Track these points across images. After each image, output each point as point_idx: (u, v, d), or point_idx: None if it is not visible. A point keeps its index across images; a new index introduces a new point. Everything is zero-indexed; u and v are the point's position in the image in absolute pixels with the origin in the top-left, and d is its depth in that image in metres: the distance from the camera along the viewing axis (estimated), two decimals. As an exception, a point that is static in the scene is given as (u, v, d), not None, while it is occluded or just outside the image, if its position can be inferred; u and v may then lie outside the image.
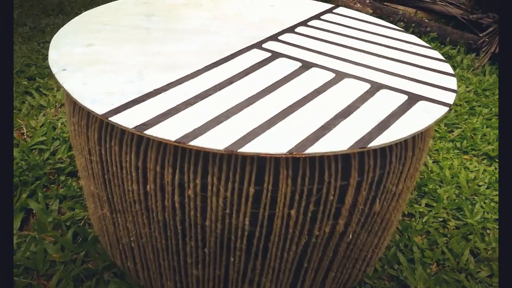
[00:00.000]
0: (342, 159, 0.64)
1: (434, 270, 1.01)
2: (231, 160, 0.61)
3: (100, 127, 0.68)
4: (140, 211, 0.70)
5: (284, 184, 0.62)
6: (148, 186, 0.66)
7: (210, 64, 0.78)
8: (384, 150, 0.67)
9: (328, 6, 1.17)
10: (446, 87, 0.78)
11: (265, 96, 0.70)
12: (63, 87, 0.67)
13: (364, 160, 0.65)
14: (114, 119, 0.61)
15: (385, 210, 0.75)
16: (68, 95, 0.74)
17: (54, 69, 0.72)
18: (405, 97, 0.74)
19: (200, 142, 0.58)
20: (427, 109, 0.71)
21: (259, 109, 0.66)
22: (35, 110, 1.44)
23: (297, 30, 0.98)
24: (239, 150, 0.57)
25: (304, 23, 1.03)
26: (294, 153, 0.57)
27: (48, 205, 1.07)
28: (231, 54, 0.83)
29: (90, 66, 0.74)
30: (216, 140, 0.58)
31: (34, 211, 1.05)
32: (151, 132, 0.59)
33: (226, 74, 0.75)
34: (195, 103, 0.66)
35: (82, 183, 0.90)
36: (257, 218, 0.65)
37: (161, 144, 0.63)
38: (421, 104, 0.72)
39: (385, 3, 2.75)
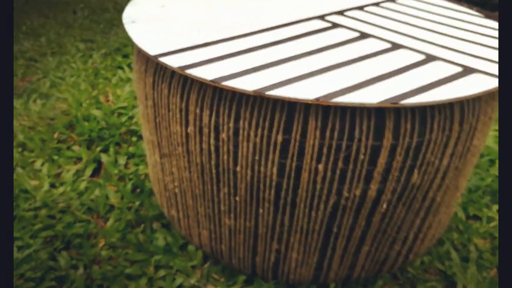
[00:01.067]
0: (376, 118, 0.62)
1: (492, 275, 0.93)
2: (262, 106, 0.63)
3: (155, 71, 0.74)
4: (182, 154, 0.75)
5: (312, 135, 0.63)
6: (189, 128, 0.71)
7: (265, 28, 0.81)
8: (424, 116, 0.64)
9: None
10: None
11: (311, 55, 0.71)
12: (128, 33, 0.75)
13: (400, 123, 0.63)
14: (163, 59, 0.66)
15: (426, 185, 0.72)
16: (134, 46, 0.82)
17: (125, 21, 0.80)
18: (460, 69, 0.70)
19: (232, 83, 0.61)
20: (480, 80, 0.66)
21: (300, 65, 0.68)
22: (123, 82, 1.58)
23: (366, 8, 0.98)
24: (266, 93, 0.59)
25: (376, 4, 1.02)
26: (320, 100, 0.58)
27: (117, 160, 1.18)
28: (290, 22, 0.85)
29: (157, 21, 0.81)
30: (248, 83, 0.61)
31: (104, 163, 1.16)
32: (190, 71, 0.63)
33: (278, 36, 0.78)
34: (238, 55, 0.70)
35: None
36: (284, 168, 0.66)
37: (202, 87, 0.67)
38: (474, 76, 0.68)
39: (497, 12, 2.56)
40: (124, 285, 0.84)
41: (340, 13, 0.93)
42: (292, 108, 0.63)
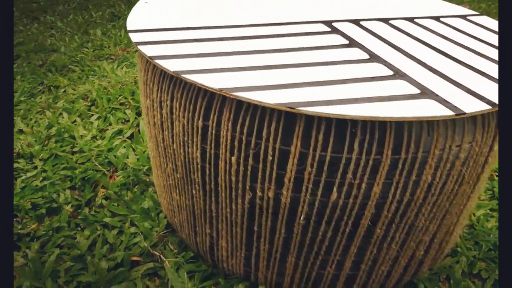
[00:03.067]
0: (286, 122, 0.61)
1: None
2: (190, 90, 0.67)
3: (141, 56, 0.83)
4: (147, 124, 0.83)
5: (225, 126, 0.64)
6: (147, 101, 0.78)
7: (262, 23, 0.83)
8: (343, 132, 0.60)
9: (464, 11, 1.03)
10: (484, 97, 0.62)
11: (278, 53, 0.71)
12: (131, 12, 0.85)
13: (311, 132, 0.61)
14: (131, 34, 0.74)
15: (354, 209, 0.67)
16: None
17: (139, 3, 0.90)
18: (417, 91, 0.63)
19: (162, 63, 0.66)
20: (426, 106, 0.59)
21: (256, 59, 0.68)
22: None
23: (392, 22, 0.92)
24: (182, 75, 0.62)
25: (411, 19, 0.95)
26: (223, 91, 0.59)
27: (154, 129, 1.31)
28: (292, 22, 0.85)
29: (163, 9, 0.89)
30: (177, 65, 0.65)
31: (140, 128, 1.30)
32: (141, 47, 0.70)
33: (265, 32, 0.79)
34: (199, 42, 0.74)
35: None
36: (206, 154, 0.69)
37: (155, 65, 0.73)
38: (425, 101, 0.61)
39: None
40: (95, 230, 0.96)
41: (356, 22, 0.90)
42: (212, 97, 0.65)
